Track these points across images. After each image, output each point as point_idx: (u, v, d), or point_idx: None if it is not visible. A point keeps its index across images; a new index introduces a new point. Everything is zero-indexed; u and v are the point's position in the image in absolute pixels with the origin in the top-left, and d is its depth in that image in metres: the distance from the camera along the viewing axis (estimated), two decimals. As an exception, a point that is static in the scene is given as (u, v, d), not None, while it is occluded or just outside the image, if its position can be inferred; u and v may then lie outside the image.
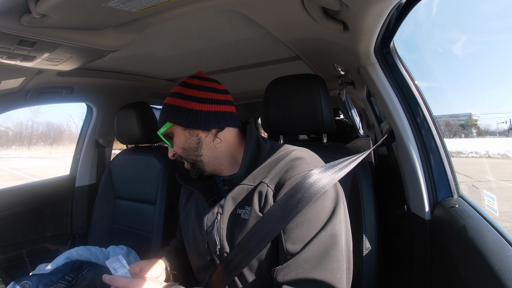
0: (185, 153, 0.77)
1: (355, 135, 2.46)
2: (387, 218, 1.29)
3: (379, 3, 0.60)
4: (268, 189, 0.67)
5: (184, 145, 0.76)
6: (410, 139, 0.89)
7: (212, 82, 0.78)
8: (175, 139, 0.78)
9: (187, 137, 0.75)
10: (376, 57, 0.94)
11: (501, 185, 6.42)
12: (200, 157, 0.76)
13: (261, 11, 0.81)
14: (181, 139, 0.76)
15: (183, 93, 0.75)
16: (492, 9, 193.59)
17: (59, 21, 0.67)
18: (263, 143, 0.77)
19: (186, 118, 0.73)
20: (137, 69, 1.52)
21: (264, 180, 0.68)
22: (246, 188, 0.70)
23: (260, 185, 0.68)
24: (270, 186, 0.67)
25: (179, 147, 0.77)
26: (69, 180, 1.78)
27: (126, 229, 1.51)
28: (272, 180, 0.67)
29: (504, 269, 0.50)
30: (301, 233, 0.61)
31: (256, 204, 0.66)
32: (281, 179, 0.67)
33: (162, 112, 0.78)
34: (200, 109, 0.74)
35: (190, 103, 0.74)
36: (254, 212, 0.66)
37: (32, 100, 1.38)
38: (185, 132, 0.75)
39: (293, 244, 0.61)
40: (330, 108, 0.98)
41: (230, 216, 0.69)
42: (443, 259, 0.74)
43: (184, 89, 0.75)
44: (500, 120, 41.02)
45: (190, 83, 0.76)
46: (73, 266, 1.20)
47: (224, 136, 0.77)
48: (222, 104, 0.76)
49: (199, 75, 0.79)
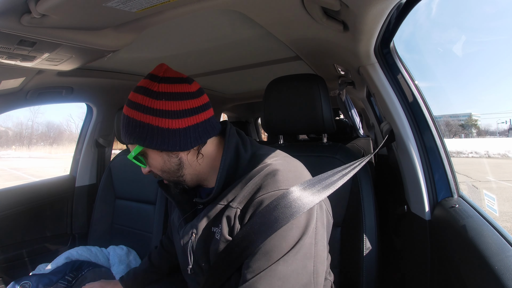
0: (165, 174, 0.67)
1: (355, 135, 2.47)
2: (387, 218, 1.30)
3: (379, 3, 0.59)
4: (236, 211, 0.60)
5: (163, 168, 0.65)
6: (410, 139, 0.89)
7: (183, 82, 0.63)
8: (151, 160, 0.66)
9: (166, 159, 0.64)
10: (376, 57, 0.94)
11: (501, 185, 6.42)
12: (182, 177, 0.67)
13: (261, 11, 0.81)
14: (158, 161, 0.64)
15: (151, 106, 0.59)
16: (492, 9, 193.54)
17: (59, 21, 0.67)
18: (242, 152, 0.67)
19: (162, 141, 0.60)
20: (137, 69, 1.52)
21: (232, 204, 0.61)
22: (219, 207, 0.63)
23: (228, 208, 0.61)
24: (238, 207, 0.60)
25: (158, 169, 0.66)
26: (69, 180, 1.78)
27: (126, 229, 1.52)
28: (241, 201, 0.60)
29: (504, 269, 0.50)
30: (255, 263, 0.55)
31: (224, 227, 0.60)
32: (249, 200, 0.59)
33: (126, 130, 0.62)
34: (177, 127, 0.60)
35: (163, 120, 0.59)
36: (222, 235, 0.60)
37: (32, 100, 1.38)
38: (163, 154, 0.63)
39: (246, 271, 0.55)
40: (330, 108, 0.98)
41: (205, 235, 0.64)
42: (443, 259, 0.74)
43: (151, 100, 0.59)
44: (500, 120, 41.05)
45: (156, 91, 0.60)
46: (73, 266, 1.20)
47: (205, 149, 0.66)
48: (201, 111, 0.63)
49: (163, 73, 0.62)
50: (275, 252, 0.54)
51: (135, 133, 0.61)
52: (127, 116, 0.62)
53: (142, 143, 0.61)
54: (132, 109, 0.61)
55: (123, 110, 0.64)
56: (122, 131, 0.64)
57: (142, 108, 0.60)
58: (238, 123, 3.31)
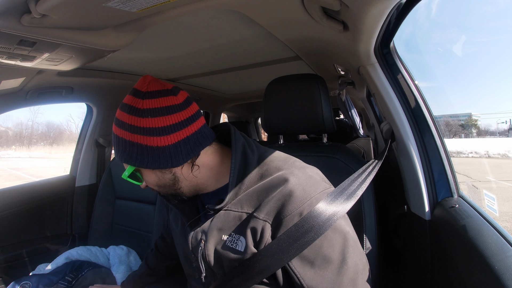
0: (162, 189, 0.66)
1: (355, 135, 2.47)
2: (387, 218, 1.29)
3: (379, 3, 0.59)
4: (265, 225, 0.58)
5: (159, 183, 0.64)
6: (410, 139, 0.89)
7: (168, 94, 0.60)
8: (145, 178, 0.65)
9: (159, 176, 0.63)
10: (376, 57, 0.94)
11: (501, 185, 6.42)
12: (180, 190, 0.65)
13: (261, 11, 0.81)
14: (153, 178, 0.64)
15: (137, 125, 0.57)
16: (491, 9, 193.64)
17: (59, 21, 0.67)
18: (250, 155, 0.65)
19: (153, 160, 0.58)
20: (137, 69, 1.52)
21: (258, 215, 0.58)
22: (233, 214, 0.61)
23: (253, 219, 0.58)
24: (267, 220, 0.58)
25: (153, 185, 0.66)
26: (69, 180, 1.78)
27: (126, 229, 1.52)
28: (268, 214, 0.58)
29: (504, 269, 0.50)
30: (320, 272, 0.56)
31: (249, 237, 0.58)
32: (278, 214, 0.58)
33: (117, 149, 0.62)
34: (166, 144, 0.58)
35: (151, 138, 0.57)
36: (247, 247, 0.58)
37: (32, 100, 1.38)
38: (156, 171, 0.62)
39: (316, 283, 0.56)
40: (330, 108, 0.98)
41: (215, 243, 0.62)
42: (443, 259, 0.74)
43: (136, 118, 0.57)
44: (500, 120, 41.05)
45: (141, 108, 0.58)
46: (73, 266, 1.20)
47: (200, 160, 0.64)
48: (189, 123, 0.61)
49: (146, 88, 0.60)
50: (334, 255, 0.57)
51: (125, 153, 0.60)
52: (116, 136, 0.61)
53: (133, 163, 0.59)
54: (120, 128, 0.60)
55: (112, 128, 0.63)
56: (115, 150, 0.64)
57: (129, 128, 0.58)
58: (238, 123, 3.31)
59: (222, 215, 0.62)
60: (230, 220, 0.61)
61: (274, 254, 0.56)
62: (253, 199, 0.60)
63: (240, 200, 0.61)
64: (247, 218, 0.59)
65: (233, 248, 0.59)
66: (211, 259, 0.62)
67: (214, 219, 0.63)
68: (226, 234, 0.61)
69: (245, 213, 0.60)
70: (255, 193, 0.60)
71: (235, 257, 0.59)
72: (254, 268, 0.57)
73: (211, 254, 0.62)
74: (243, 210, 0.60)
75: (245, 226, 0.59)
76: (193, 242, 0.65)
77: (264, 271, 0.57)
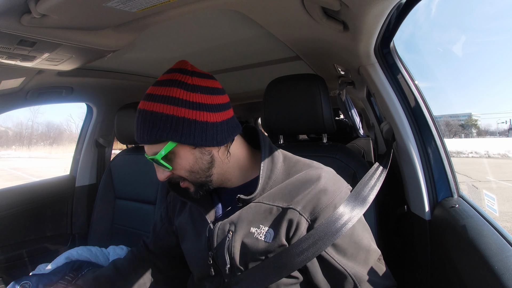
0: (193, 175, 0.62)
1: (355, 135, 2.47)
2: (387, 218, 1.29)
3: (379, 3, 0.59)
4: (301, 218, 0.59)
5: (193, 167, 0.61)
6: (410, 139, 0.89)
7: (210, 78, 0.63)
8: (179, 160, 0.60)
9: (198, 157, 0.61)
10: (376, 57, 0.94)
11: (501, 185, 6.42)
12: (210, 177, 0.63)
13: (261, 11, 0.81)
14: (189, 160, 0.60)
15: (186, 99, 0.57)
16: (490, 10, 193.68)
17: (59, 21, 0.67)
18: (275, 152, 0.68)
19: (200, 135, 0.58)
20: (137, 69, 1.52)
21: (295, 207, 0.60)
22: (264, 207, 0.62)
23: (289, 211, 0.60)
24: (303, 214, 0.60)
25: (185, 170, 0.61)
26: (69, 180, 1.78)
27: (126, 229, 1.52)
28: (304, 208, 0.60)
29: (504, 269, 0.50)
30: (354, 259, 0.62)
31: (282, 230, 0.60)
32: (314, 208, 0.60)
33: (154, 126, 0.57)
34: (215, 121, 0.59)
35: (200, 113, 0.57)
36: (278, 238, 0.60)
37: (32, 100, 1.38)
38: (195, 151, 0.60)
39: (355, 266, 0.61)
40: (330, 108, 0.98)
41: (243, 235, 0.62)
42: (443, 259, 0.74)
43: (186, 92, 0.57)
44: (500, 120, 41.01)
45: (191, 84, 0.58)
46: (73, 266, 1.20)
47: (232, 148, 0.65)
48: (229, 108, 0.64)
49: (191, 68, 0.62)
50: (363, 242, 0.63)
51: (168, 128, 0.56)
52: (155, 112, 0.57)
53: (178, 138, 0.57)
54: (161, 103, 0.57)
55: (142, 107, 0.59)
56: (145, 129, 0.57)
57: (176, 101, 0.57)
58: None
59: (253, 207, 0.63)
60: (261, 213, 0.62)
61: (313, 244, 0.58)
62: (285, 193, 0.62)
63: (272, 193, 0.63)
64: (281, 211, 0.61)
65: (261, 240, 0.61)
66: (236, 251, 0.62)
67: (244, 211, 0.64)
68: (255, 227, 0.62)
69: (276, 207, 0.61)
70: (287, 188, 0.62)
71: (263, 249, 0.60)
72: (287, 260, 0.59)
73: (237, 246, 0.62)
74: (275, 203, 0.62)
75: (278, 219, 0.61)
76: (219, 234, 0.65)
77: (298, 263, 0.59)
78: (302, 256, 0.58)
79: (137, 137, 0.60)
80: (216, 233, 0.65)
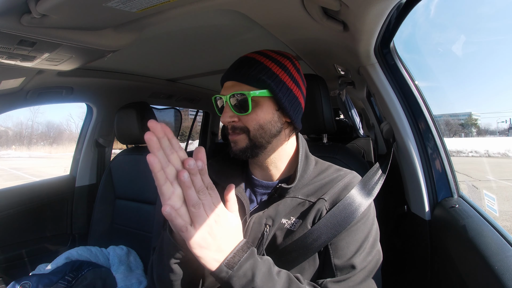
0: (259, 132, 0.63)
1: (355, 135, 2.46)
2: (387, 218, 1.30)
3: (379, 3, 0.60)
4: (323, 206, 0.64)
5: (266, 125, 0.63)
6: (410, 139, 0.89)
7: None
8: (260, 111, 0.62)
9: (274, 120, 0.64)
10: (376, 57, 0.94)
11: (501, 184, 6.42)
12: (266, 146, 0.65)
13: (261, 11, 0.81)
14: (267, 116, 0.63)
15: (292, 72, 0.65)
16: (490, 10, 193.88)
17: (59, 21, 0.67)
18: (311, 156, 0.73)
19: (291, 101, 0.64)
20: (137, 69, 1.52)
21: (325, 196, 0.64)
22: (298, 201, 0.65)
23: (318, 202, 0.64)
24: (325, 205, 0.64)
25: (257, 122, 0.63)
26: (69, 180, 1.78)
27: (126, 229, 1.52)
28: (330, 198, 0.65)
29: (504, 269, 0.50)
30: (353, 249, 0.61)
31: (310, 219, 0.63)
32: (337, 199, 0.65)
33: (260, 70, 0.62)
34: (302, 102, 0.68)
35: (297, 89, 0.66)
36: (304, 225, 0.63)
37: (32, 100, 1.38)
38: (276, 113, 0.64)
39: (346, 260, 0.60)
40: (330, 108, 0.98)
41: (277, 228, 0.65)
42: (443, 259, 0.74)
43: (293, 67, 0.66)
44: (500, 119, 41.05)
45: (297, 65, 0.68)
46: (73, 266, 1.20)
47: (291, 137, 0.71)
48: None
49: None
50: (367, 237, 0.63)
51: (271, 80, 0.62)
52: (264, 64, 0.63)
53: (276, 91, 0.62)
54: (273, 62, 0.64)
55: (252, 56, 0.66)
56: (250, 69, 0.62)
57: (285, 69, 0.64)
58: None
59: (289, 202, 0.66)
60: (295, 206, 0.65)
61: (325, 227, 0.61)
62: (317, 190, 0.66)
63: (306, 189, 0.67)
64: (311, 204, 0.65)
65: (291, 230, 0.64)
66: (267, 242, 0.65)
67: (281, 205, 0.66)
68: (288, 220, 0.65)
69: (308, 201, 0.65)
70: (320, 185, 0.67)
71: (291, 237, 0.63)
72: (307, 242, 0.61)
73: (270, 237, 0.65)
74: (308, 198, 0.66)
75: (307, 211, 0.64)
76: (254, 228, 0.65)
77: (313, 247, 0.61)
78: (321, 239, 0.61)
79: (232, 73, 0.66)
80: (251, 226, 0.66)
